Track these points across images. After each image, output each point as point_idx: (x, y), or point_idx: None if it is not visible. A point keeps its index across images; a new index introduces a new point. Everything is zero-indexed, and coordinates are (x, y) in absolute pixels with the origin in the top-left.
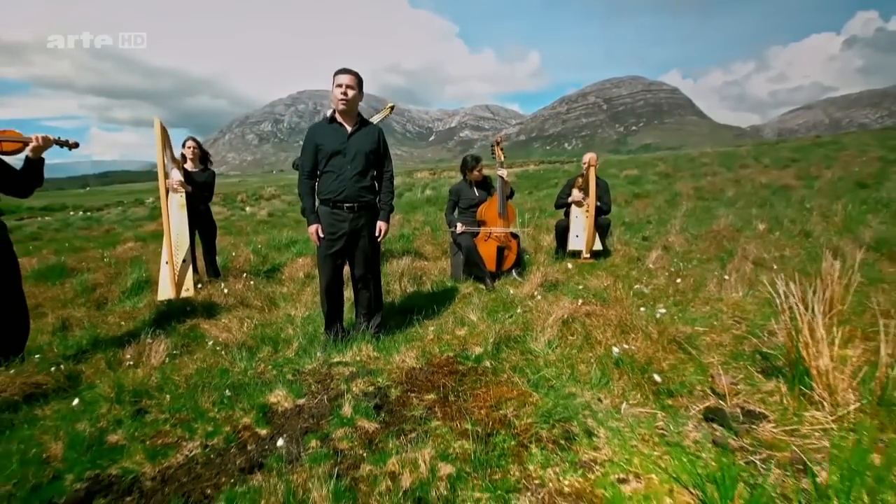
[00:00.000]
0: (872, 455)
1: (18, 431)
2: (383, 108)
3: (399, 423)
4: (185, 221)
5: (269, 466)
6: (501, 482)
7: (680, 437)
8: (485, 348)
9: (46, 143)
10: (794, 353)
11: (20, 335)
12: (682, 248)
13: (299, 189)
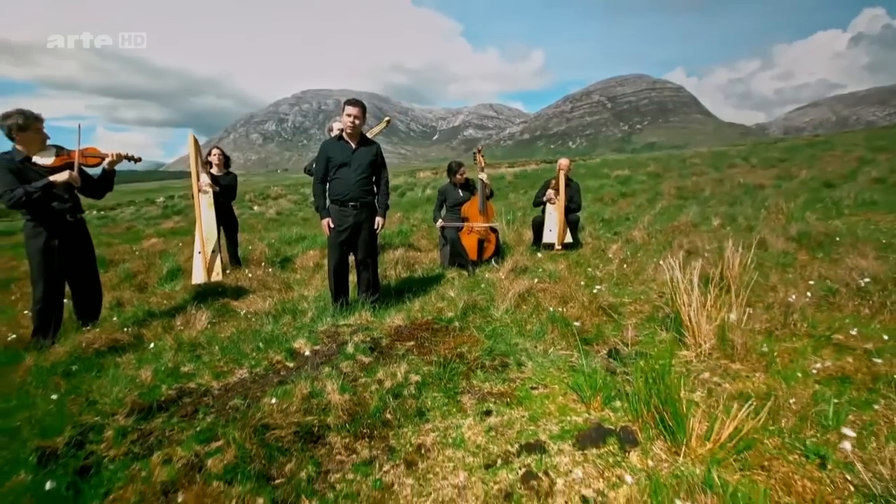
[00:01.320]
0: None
1: (118, 368)
2: (379, 122)
3: (386, 357)
4: (213, 218)
5: (297, 381)
6: (452, 388)
7: (584, 367)
8: (455, 313)
9: (119, 158)
10: (674, 311)
11: (98, 305)
12: (642, 240)
13: (314, 191)
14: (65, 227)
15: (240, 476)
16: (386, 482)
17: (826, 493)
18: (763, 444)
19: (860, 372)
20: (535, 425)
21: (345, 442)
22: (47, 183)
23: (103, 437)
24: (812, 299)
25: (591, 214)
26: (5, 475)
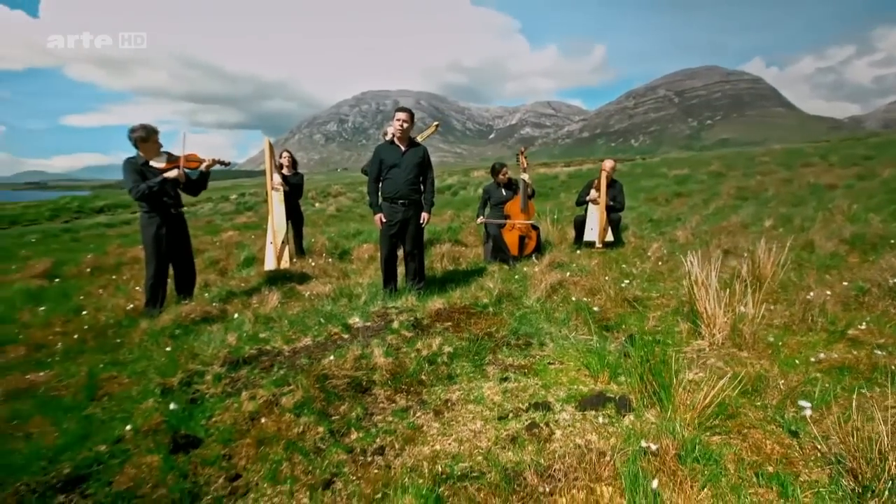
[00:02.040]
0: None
1: (210, 333)
2: (428, 126)
3: (425, 333)
4: (283, 213)
5: (350, 346)
6: (479, 359)
7: (600, 349)
8: (490, 300)
9: (213, 163)
10: (691, 304)
11: (192, 283)
12: (685, 240)
13: (368, 189)
14: (170, 218)
15: (305, 411)
16: (417, 424)
17: (792, 455)
18: (746, 416)
19: (861, 363)
20: (546, 391)
21: (386, 394)
22: (162, 178)
23: (204, 379)
24: (839, 298)
25: (640, 214)
26: (140, 400)
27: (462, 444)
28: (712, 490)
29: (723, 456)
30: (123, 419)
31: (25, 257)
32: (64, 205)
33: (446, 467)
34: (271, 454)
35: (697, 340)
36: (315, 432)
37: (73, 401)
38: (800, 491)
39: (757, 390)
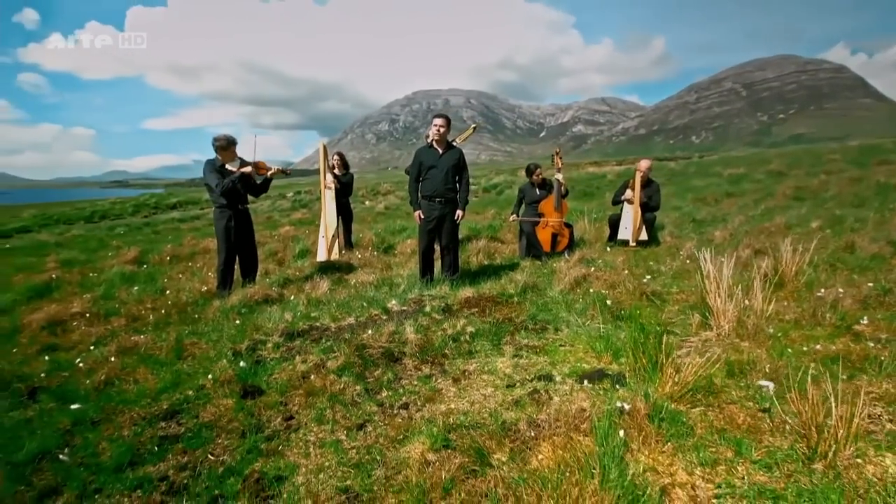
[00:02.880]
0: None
1: (270, 311)
2: (467, 128)
3: (453, 316)
4: (334, 209)
5: (386, 323)
6: (498, 339)
7: (607, 334)
8: (516, 290)
9: (277, 171)
10: (702, 298)
11: (255, 269)
12: (722, 240)
13: (409, 188)
14: (238, 213)
15: (346, 373)
16: (437, 388)
17: (760, 426)
18: (728, 393)
19: (854, 354)
20: (553, 367)
21: (414, 363)
22: (241, 173)
23: (266, 346)
24: (858, 297)
25: (683, 214)
26: (216, 360)
27: (473, 404)
28: (675, 445)
29: (695, 422)
30: (204, 373)
31: (117, 247)
32: (144, 201)
33: (457, 420)
34: (318, 403)
35: (706, 332)
36: (353, 389)
37: (166, 358)
38: (754, 451)
39: (744, 373)
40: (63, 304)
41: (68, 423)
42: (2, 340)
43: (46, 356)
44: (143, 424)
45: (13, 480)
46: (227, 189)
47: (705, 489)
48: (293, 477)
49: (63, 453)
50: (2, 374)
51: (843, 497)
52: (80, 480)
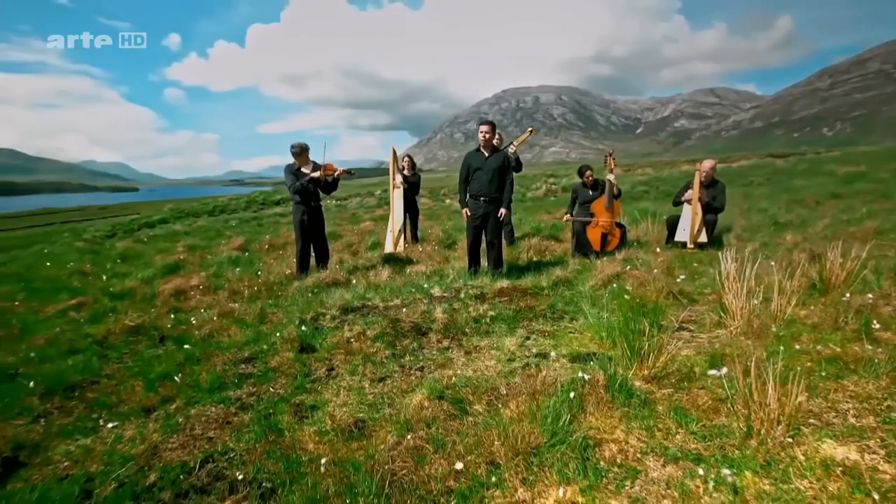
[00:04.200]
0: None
1: (335, 293)
2: (524, 132)
3: (484, 302)
4: (401, 207)
5: (419, 304)
6: (515, 323)
7: (612, 324)
8: (547, 284)
9: (343, 172)
10: (719, 298)
11: (327, 257)
12: (793, 244)
13: (459, 188)
14: (311, 209)
15: (380, 340)
16: (451, 357)
17: (719, 407)
18: (703, 380)
19: (852, 356)
20: (553, 348)
21: (437, 338)
22: (310, 178)
23: (325, 318)
24: (893, 305)
25: (767, 217)
26: (287, 325)
27: (475, 371)
28: (623, 412)
29: (658, 399)
30: (276, 333)
31: (228, 236)
32: (254, 198)
33: (457, 381)
34: (354, 360)
35: (720, 329)
36: (383, 353)
37: (252, 322)
38: (696, 424)
39: (725, 365)
40: (185, 278)
41: (182, 358)
42: (145, 302)
43: (172, 314)
44: (230, 364)
45: (148, 389)
46: (298, 189)
47: (636, 447)
48: (324, 407)
49: (177, 377)
50: (143, 326)
51: (756, 464)
52: (186, 394)
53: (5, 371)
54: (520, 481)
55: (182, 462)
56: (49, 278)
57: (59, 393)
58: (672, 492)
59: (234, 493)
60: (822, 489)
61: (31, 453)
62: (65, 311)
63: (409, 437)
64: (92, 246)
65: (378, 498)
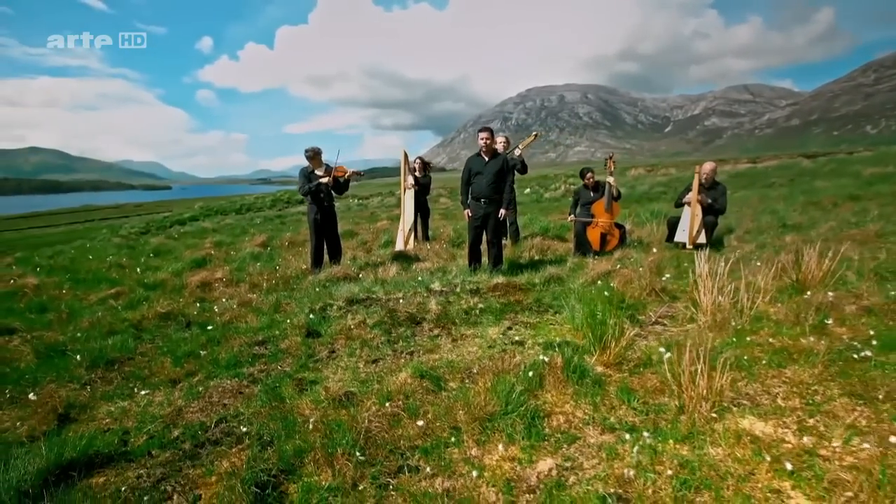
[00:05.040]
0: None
1: (344, 286)
2: (529, 136)
3: (478, 297)
4: (412, 207)
5: (416, 296)
6: (502, 315)
7: (591, 317)
8: (540, 280)
9: (353, 174)
10: (693, 295)
11: (339, 253)
12: (790, 246)
13: (461, 190)
14: (323, 208)
15: (378, 328)
16: (439, 344)
17: (664, 388)
18: (659, 366)
19: (799, 349)
20: (532, 338)
21: (429, 326)
22: (318, 183)
23: (332, 308)
24: (861, 305)
25: (777, 219)
26: (297, 314)
27: (458, 356)
28: (575, 390)
29: (612, 381)
30: (288, 321)
31: (252, 233)
32: (279, 197)
33: (440, 363)
34: (353, 345)
35: (691, 324)
36: (379, 339)
37: (267, 311)
38: (638, 401)
39: (680, 353)
40: (211, 272)
41: (205, 340)
42: (175, 293)
43: (198, 303)
44: (245, 346)
45: (175, 365)
46: (306, 193)
47: (580, 418)
48: (322, 382)
49: (200, 354)
50: (172, 312)
51: (680, 434)
52: (207, 370)
53: (57, 347)
54: (474, 441)
55: (201, 422)
56: (91, 270)
57: (101, 366)
58: (601, 453)
59: (240, 443)
60: (729, 454)
61: (80, 412)
62: (105, 300)
63: (388, 406)
64: (128, 241)
65: (353, 448)
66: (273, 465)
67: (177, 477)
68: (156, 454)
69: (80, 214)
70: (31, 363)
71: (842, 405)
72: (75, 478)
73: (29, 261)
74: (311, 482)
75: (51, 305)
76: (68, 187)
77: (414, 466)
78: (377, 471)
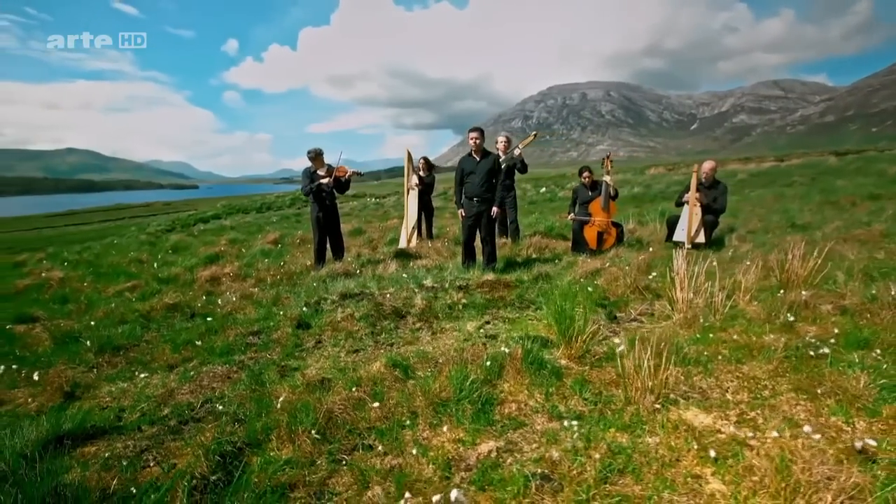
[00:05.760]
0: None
1: (341, 281)
2: (528, 136)
3: (463, 292)
4: (416, 206)
5: (404, 292)
6: (484, 310)
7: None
8: (528, 277)
9: (353, 174)
10: (669, 293)
11: (342, 250)
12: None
13: (455, 190)
14: (325, 207)
15: (364, 321)
16: (419, 336)
17: (619, 382)
18: (621, 361)
19: (756, 344)
20: (507, 332)
21: (412, 320)
22: (318, 184)
23: (326, 301)
24: (837, 304)
25: (786, 218)
26: (295, 308)
27: (435, 348)
28: (532, 380)
29: (572, 373)
30: (281, 313)
31: (267, 231)
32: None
33: (417, 354)
34: (338, 336)
35: (666, 321)
36: (364, 331)
37: (266, 303)
38: (590, 392)
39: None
40: (221, 267)
41: (204, 329)
42: (185, 286)
43: (204, 296)
44: (240, 336)
45: (174, 352)
46: (307, 193)
47: (532, 406)
48: (303, 369)
49: (197, 343)
50: (179, 304)
51: (623, 423)
52: (202, 356)
53: (72, 334)
54: (427, 424)
55: (189, 402)
56: (112, 265)
57: (108, 351)
58: (542, 438)
59: (217, 420)
60: (663, 442)
61: (84, 391)
62: (121, 292)
63: (355, 391)
64: (150, 239)
65: (313, 427)
66: (239, 439)
67: (159, 448)
68: (145, 429)
69: (112, 213)
70: (48, 348)
71: (787, 399)
72: (69, 446)
73: (58, 256)
74: (272, 455)
75: (72, 297)
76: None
77: (368, 445)
78: (334, 448)
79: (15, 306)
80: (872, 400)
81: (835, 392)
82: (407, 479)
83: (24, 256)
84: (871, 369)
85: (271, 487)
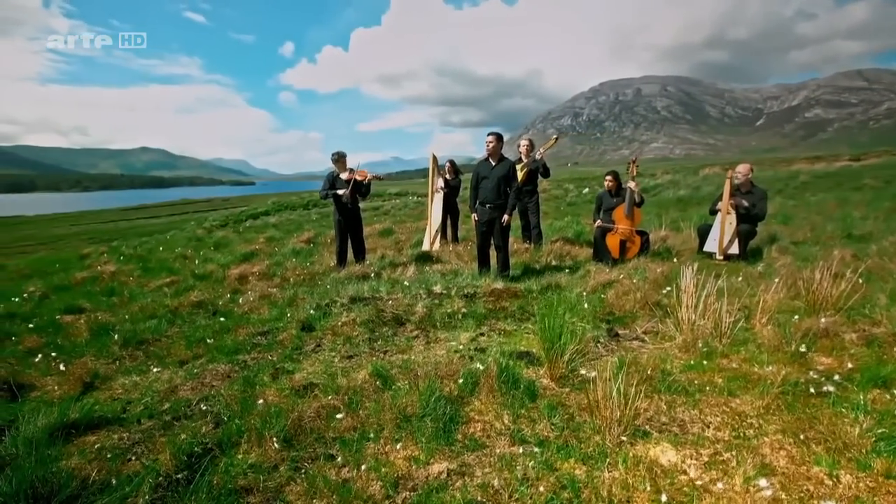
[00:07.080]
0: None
1: (355, 284)
2: (549, 139)
3: (467, 300)
4: (440, 209)
5: (406, 298)
6: (482, 320)
7: (583, 331)
8: (538, 288)
9: (373, 177)
10: (675, 311)
11: (363, 252)
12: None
13: (469, 195)
14: (345, 210)
15: (364, 326)
16: (412, 345)
17: (592, 408)
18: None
19: (753, 375)
20: (499, 346)
21: (411, 328)
22: (334, 192)
23: (336, 304)
24: (866, 337)
25: (841, 228)
26: (305, 309)
27: (425, 359)
28: (503, 400)
29: (548, 394)
30: (292, 315)
31: (305, 229)
32: None
33: (403, 364)
34: (337, 340)
35: (669, 342)
36: (362, 336)
37: (281, 304)
38: (559, 417)
39: (634, 371)
40: (251, 265)
41: (218, 328)
42: (217, 283)
43: (229, 295)
44: (249, 336)
45: (187, 349)
46: (323, 198)
47: (497, 428)
48: (295, 372)
49: (209, 341)
50: (205, 301)
51: (584, 454)
52: (211, 354)
53: (106, 327)
54: (390, 438)
55: (188, 399)
56: (160, 260)
57: (132, 345)
58: (498, 463)
59: (203, 419)
60: (619, 478)
61: (102, 382)
62: (160, 287)
63: (331, 399)
64: (204, 234)
65: (280, 432)
66: (210, 440)
67: (148, 443)
68: (143, 422)
69: (177, 207)
70: (84, 339)
71: (770, 442)
72: (74, 435)
73: (118, 250)
74: (238, 459)
75: (118, 290)
76: (170, 183)
77: (331, 455)
78: (298, 455)
79: (70, 297)
80: (866, 451)
81: (826, 438)
82: (350, 496)
83: (89, 249)
84: (877, 414)
85: (228, 490)
